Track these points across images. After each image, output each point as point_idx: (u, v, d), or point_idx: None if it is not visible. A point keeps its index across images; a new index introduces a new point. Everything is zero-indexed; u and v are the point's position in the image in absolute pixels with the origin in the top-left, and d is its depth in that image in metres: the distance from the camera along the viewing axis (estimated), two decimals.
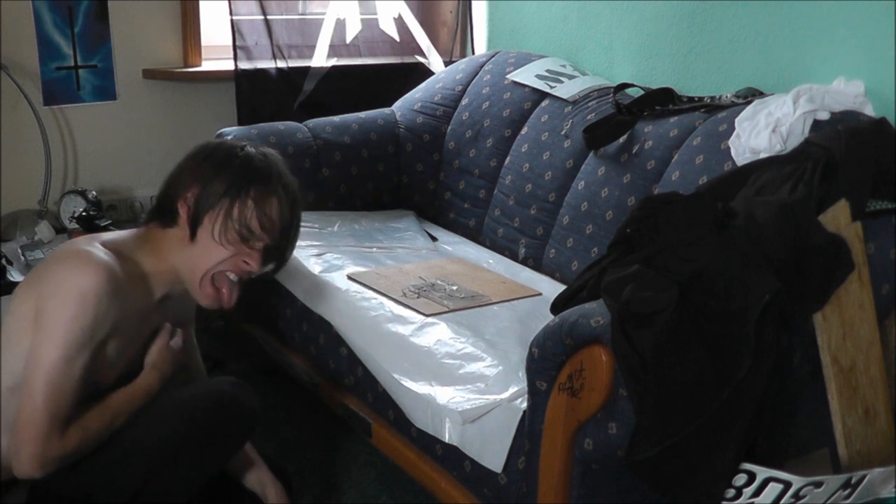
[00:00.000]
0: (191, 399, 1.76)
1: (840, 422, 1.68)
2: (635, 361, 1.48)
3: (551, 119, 2.68)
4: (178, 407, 1.74)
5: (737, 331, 1.50)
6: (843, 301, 1.67)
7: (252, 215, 1.70)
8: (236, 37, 2.90)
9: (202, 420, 1.71)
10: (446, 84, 3.04)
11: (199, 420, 1.70)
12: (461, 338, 2.02)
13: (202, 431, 1.71)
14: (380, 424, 2.13)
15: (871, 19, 2.10)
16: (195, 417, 1.71)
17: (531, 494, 1.71)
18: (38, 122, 2.71)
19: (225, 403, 1.75)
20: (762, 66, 2.37)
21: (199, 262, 1.71)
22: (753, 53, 2.39)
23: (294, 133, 2.81)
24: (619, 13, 2.76)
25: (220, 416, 1.74)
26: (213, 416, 1.73)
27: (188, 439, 1.69)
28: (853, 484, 1.58)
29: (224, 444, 1.77)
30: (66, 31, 2.76)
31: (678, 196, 1.80)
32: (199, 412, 1.72)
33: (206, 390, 1.80)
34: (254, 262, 1.73)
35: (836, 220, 1.67)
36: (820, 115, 1.99)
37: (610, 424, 1.56)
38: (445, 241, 2.77)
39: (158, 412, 1.74)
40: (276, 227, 1.74)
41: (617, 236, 1.80)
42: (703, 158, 2.17)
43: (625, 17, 2.75)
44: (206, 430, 1.71)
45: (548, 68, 2.83)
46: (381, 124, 2.98)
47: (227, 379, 1.84)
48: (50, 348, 1.57)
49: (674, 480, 1.51)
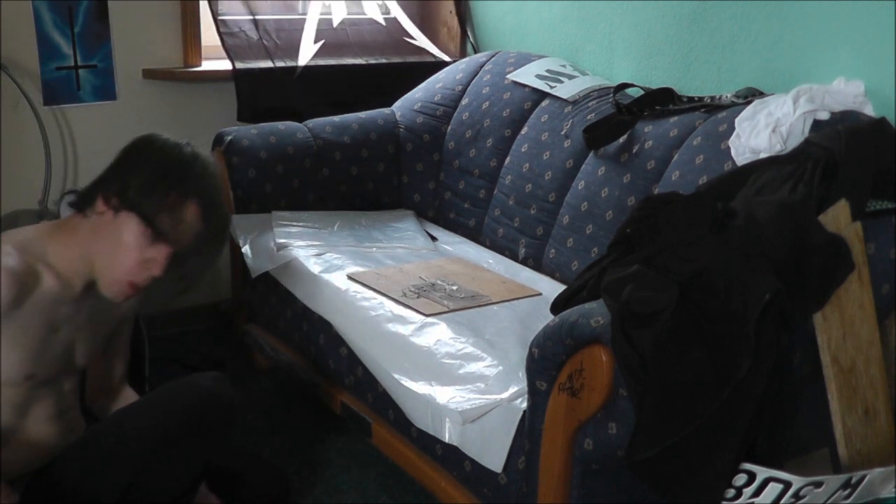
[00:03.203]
0: (170, 395, 1.77)
1: (840, 422, 1.68)
2: (635, 361, 1.48)
3: (551, 119, 2.68)
4: (158, 404, 1.76)
5: (737, 331, 1.50)
6: (843, 301, 1.67)
7: (164, 217, 1.65)
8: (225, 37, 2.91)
9: (182, 415, 1.72)
10: (446, 84, 3.04)
11: (179, 415, 1.72)
12: (461, 338, 2.02)
13: (184, 426, 1.73)
14: (380, 424, 2.13)
15: (871, 19, 2.10)
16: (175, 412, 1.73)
17: (531, 494, 1.71)
18: (38, 122, 2.71)
19: (203, 398, 1.77)
20: (762, 66, 2.37)
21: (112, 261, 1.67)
22: (753, 53, 2.39)
23: (294, 133, 2.81)
24: (619, 13, 2.76)
25: (199, 410, 1.75)
26: (192, 411, 1.74)
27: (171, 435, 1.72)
28: (853, 484, 1.58)
29: (207, 438, 1.78)
30: (66, 31, 2.76)
31: (678, 196, 1.80)
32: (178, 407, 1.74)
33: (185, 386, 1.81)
34: (156, 266, 1.67)
35: (836, 220, 1.67)
36: (820, 115, 1.99)
37: (610, 424, 1.56)
38: (445, 241, 2.77)
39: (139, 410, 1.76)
40: (187, 234, 1.67)
41: (617, 236, 1.80)
42: (703, 158, 2.17)
43: (625, 17, 2.75)
44: (187, 425, 1.73)
45: (548, 68, 2.83)
46: (381, 124, 2.98)
47: (206, 374, 1.85)
48: None
49: (674, 480, 1.51)
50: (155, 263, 1.67)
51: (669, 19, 2.60)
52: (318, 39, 3.10)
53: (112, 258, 1.67)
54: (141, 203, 1.64)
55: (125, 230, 1.65)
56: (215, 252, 1.78)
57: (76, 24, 2.77)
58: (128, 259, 1.66)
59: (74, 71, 2.80)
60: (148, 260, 1.66)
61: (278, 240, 2.53)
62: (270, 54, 3.00)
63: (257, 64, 2.96)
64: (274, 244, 2.51)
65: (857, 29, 2.14)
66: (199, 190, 1.68)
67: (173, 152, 1.71)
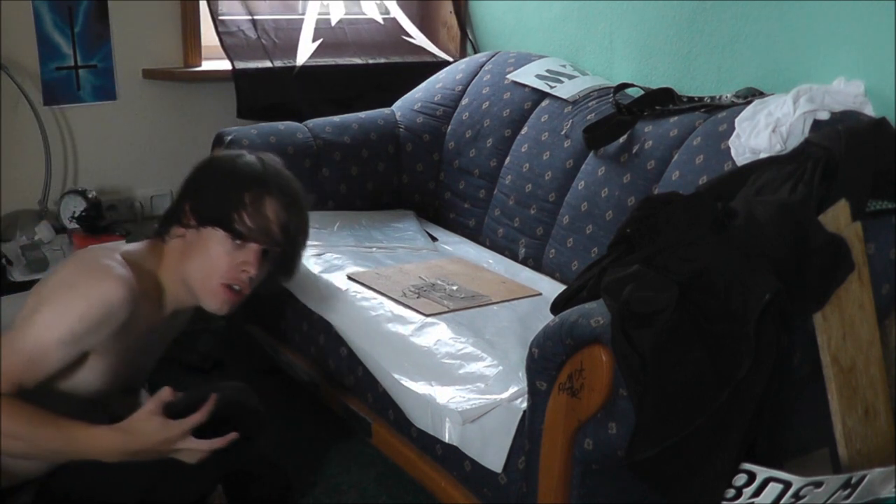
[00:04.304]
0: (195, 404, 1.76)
1: (840, 422, 1.68)
2: (635, 361, 1.48)
3: (551, 119, 2.68)
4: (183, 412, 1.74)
5: (737, 331, 1.50)
6: (843, 301, 1.67)
7: (246, 217, 1.69)
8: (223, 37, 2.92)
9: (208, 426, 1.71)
10: (446, 84, 3.04)
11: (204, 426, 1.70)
12: (461, 338, 2.02)
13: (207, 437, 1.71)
14: (380, 424, 2.13)
15: (871, 19, 2.10)
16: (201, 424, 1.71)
17: (531, 494, 1.71)
18: (38, 122, 2.71)
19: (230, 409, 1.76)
20: (762, 66, 2.37)
21: (206, 271, 1.70)
22: (753, 53, 2.39)
23: (294, 133, 2.81)
24: (619, 13, 2.76)
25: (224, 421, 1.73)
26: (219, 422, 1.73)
27: None
28: (853, 484, 1.58)
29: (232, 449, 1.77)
30: (66, 31, 2.76)
31: (678, 196, 1.80)
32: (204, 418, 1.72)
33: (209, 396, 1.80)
34: (251, 267, 1.71)
35: (836, 220, 1.67)
36: (820, 115, 2.00)
37: (610, 424, 1.56)
38: (445, 241, 2.77)
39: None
40: (272, 229, 1.72)
41: (617, 236, 1.80)
42: (703, 158, 2.17)
43: (625, 17, 2.75)
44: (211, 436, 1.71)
45: (548, 68, 2.83)
46: (381, 124, 2.97)
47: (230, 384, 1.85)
48: (51, 323, 1.56)
49: (674, 480, 1.51)
50: (248, 265, 1.70)
51: (669, 19, 2.60)
52: (315, 38, 3.10)
53: (205, 271, 1.70)
54: (219, 214, 1.68)
55: (211, 244, 1.69)
56: (303, 239, 1.82)
57: (76, 24, 2.77)
58: (220, 267, 1.69)
59: (74, 71, 2.80)
60: (240, 263, 1.70)
61: None
62: (269, 54, 3.00)
63: (256, 63, 2.96)
64: None
65: (857, 29, 2.14)
66: (272, 185, 1.73)
67: (236, 160, 1.77)
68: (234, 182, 1.72)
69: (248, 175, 1.73)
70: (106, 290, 1.58)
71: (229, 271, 1.71)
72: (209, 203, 1.70)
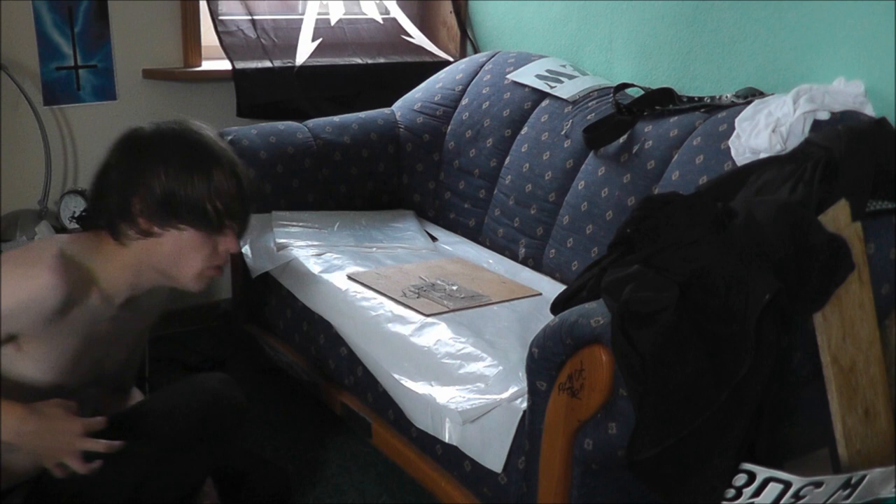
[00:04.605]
0: (178, 398, 1.77)
1: (840, 422, 1.68)
2: (635, 361, 1.48)
3: (551, 119, 2.68)
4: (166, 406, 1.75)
5: (737, 331, 1.50)
6: (843, 301, 1.67)
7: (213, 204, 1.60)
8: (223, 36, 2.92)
9: (191, 418, 1.72)
10: (446, 84, 3.04)
11: (188, 418, 1.71)
12: (461, 338, 2.02)
13: (192, 429, 1.72)
14: (380, 424, 2.13)
15: (871, 19, 2.10)
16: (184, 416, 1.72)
17: (531, 494, 1.71)
18: (38, 122, 2.71)
19: (212, 400, 1.77)
20: (762, 66, 2.37)
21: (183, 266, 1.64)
22: (753, 53, 2.39)
23: (294, 133, 2.81)
24: (619, 13, 2.76)
25: (208, 413, 1.75)
26: (201, 414, 1.74)
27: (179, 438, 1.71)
28: (853, 484, 1.58)
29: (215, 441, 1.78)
30: (66, 31, 2.76)
31: (678, 196, 1.80)
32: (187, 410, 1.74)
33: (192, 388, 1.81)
34: (232, 246, 1.66)
35: (836, 220, 1.67)
36: (820, 115, 2.00)
37: (610, 424, 1.56)
38: (445, 241, 2.77)
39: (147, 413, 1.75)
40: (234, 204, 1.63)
41: (617, 236, 1.80)
42: (703, 158, 2.17)
43: (625, 17, 2.75)
44: (196, 427, 1.72)
45: (548, 68, 2.83)
46: (381, 124, 2.98)
47: (212, 375, 1.85)
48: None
49: (674, 480, 1.51)
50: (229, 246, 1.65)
51: (669, 19, 2.60)
52: (315, 38, 3.10)
53: (182, 265, 1.64)
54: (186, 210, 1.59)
55: (183, 242, 1.62)
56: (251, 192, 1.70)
57: (76, 24, 2.77)
58: (198, 260, 1.64)
59: (74, 71, 2.80)
60: (222, 250, 1.65)
61: (278, 240, 2.53)
62: (268, 53, 3.00)
63: (256, 63, 2.96)
64: (274, 244, 2.52)
65: (857, 29, 2.14)
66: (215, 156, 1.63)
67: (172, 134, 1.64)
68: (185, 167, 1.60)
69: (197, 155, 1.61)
70: (34, 274, 1.53)
71: (210, 258, 1.65)
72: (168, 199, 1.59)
